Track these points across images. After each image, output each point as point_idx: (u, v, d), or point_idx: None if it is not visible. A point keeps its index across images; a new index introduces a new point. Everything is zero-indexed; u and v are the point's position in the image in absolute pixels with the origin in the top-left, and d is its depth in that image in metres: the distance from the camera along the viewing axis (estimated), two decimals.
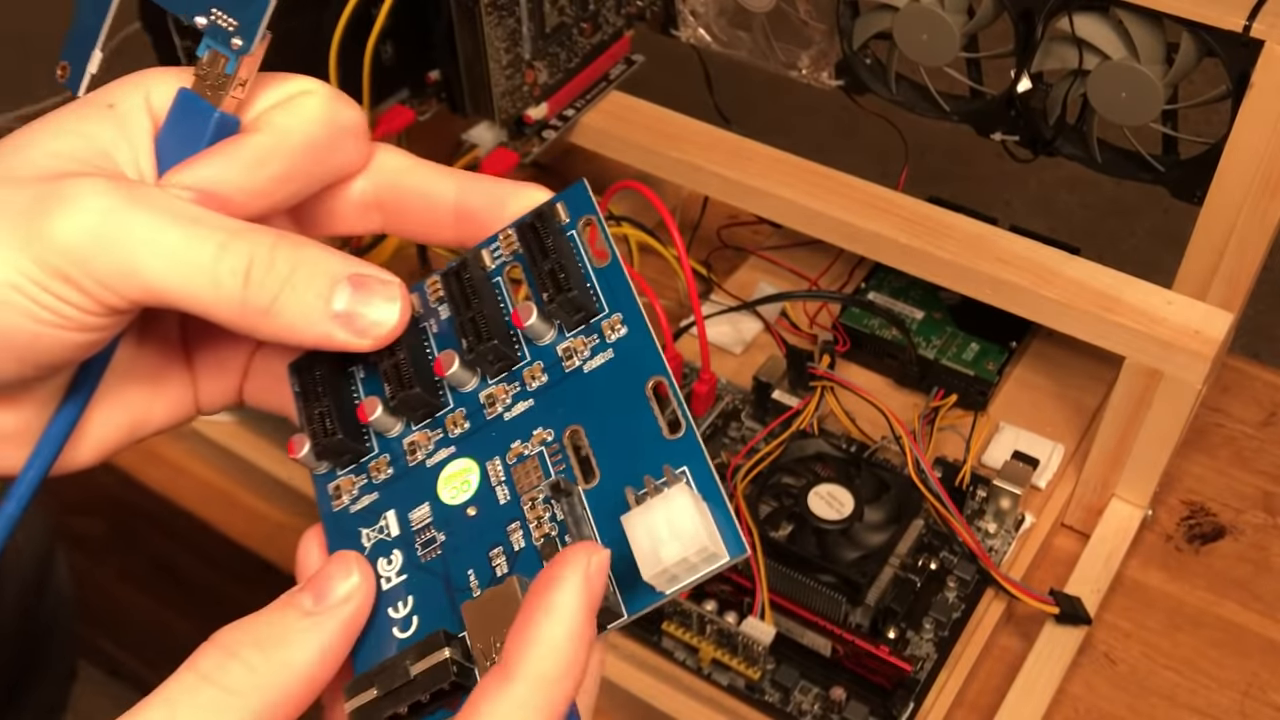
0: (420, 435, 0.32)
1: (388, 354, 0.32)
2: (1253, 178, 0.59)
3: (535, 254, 0.32)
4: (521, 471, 0.30)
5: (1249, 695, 0.62)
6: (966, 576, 0.62)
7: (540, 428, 0.31)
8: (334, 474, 0.33)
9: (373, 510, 0.31)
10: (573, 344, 0.31)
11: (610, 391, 0.30)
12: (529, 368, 0.31)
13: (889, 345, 0.72)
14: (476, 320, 0.32)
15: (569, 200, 0.33)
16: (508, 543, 0.29)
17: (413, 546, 0.30)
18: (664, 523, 0.27)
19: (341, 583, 0.29)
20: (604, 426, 0.30)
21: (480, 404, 0.32)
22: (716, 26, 0.75)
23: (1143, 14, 0.60)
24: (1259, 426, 0.74)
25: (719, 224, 0.85)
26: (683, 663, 0.60)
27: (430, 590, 0.30)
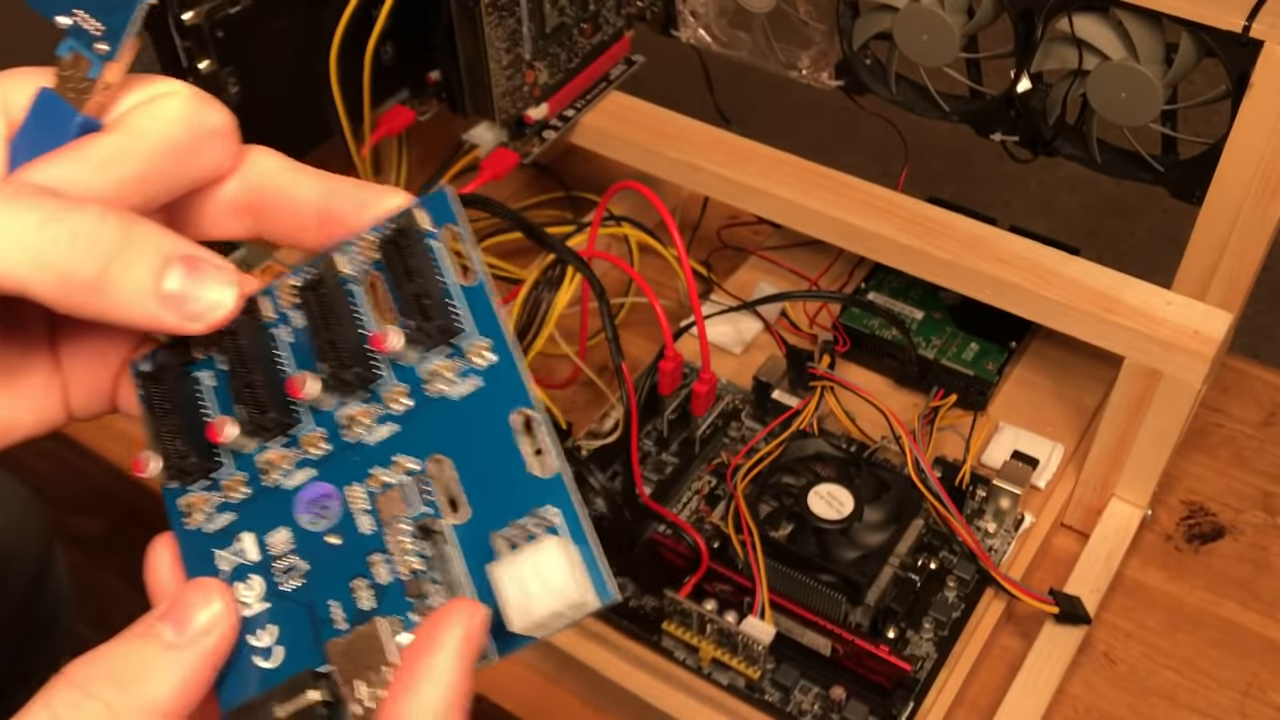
0: (277, 454, 0.30)
1: (240, 370, 0.30)
2: (1252, 178, 0.60)
3: (398, 272, 0.30)
4: (385, 501, 0.29)
5: (1249, 695, 0.62)
6: (966, 576, 0.62)
7: (403, 455, 0.29)
8: (185, 489, 0.31)
9: (229, 531, 0.30)
10: (437, 367, 0.29)
11: (477, 422, 0.29)
12: (390, 390, 0.30)
13: (889, 345, 0.72)
14: (336, 343, 0.30)
15: (431, 208, 0.31)
16: (371, 575, 0.29)
17: (272, 573, 0.29)
18: (533, 575, 0.26)
19: (202, 611, 0.28)
20: (471, 459, 0.29)
21: (339, 424, 0.30)
22: (717, 27, 0.75)
23: (1142, 14, 0.60)
24: (1258, 426, 0.74)
25: (719, 224, 0.85)
26: (683, 662, 0.60)
27: (294, 620, 0.29)
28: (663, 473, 0.68)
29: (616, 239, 0.77)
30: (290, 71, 0.65)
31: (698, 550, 0.59)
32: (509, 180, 0.83)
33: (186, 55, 0.60)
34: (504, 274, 0.76)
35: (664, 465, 0.68)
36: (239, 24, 0.61)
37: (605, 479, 0.60)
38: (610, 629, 0.61)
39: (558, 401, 0.68)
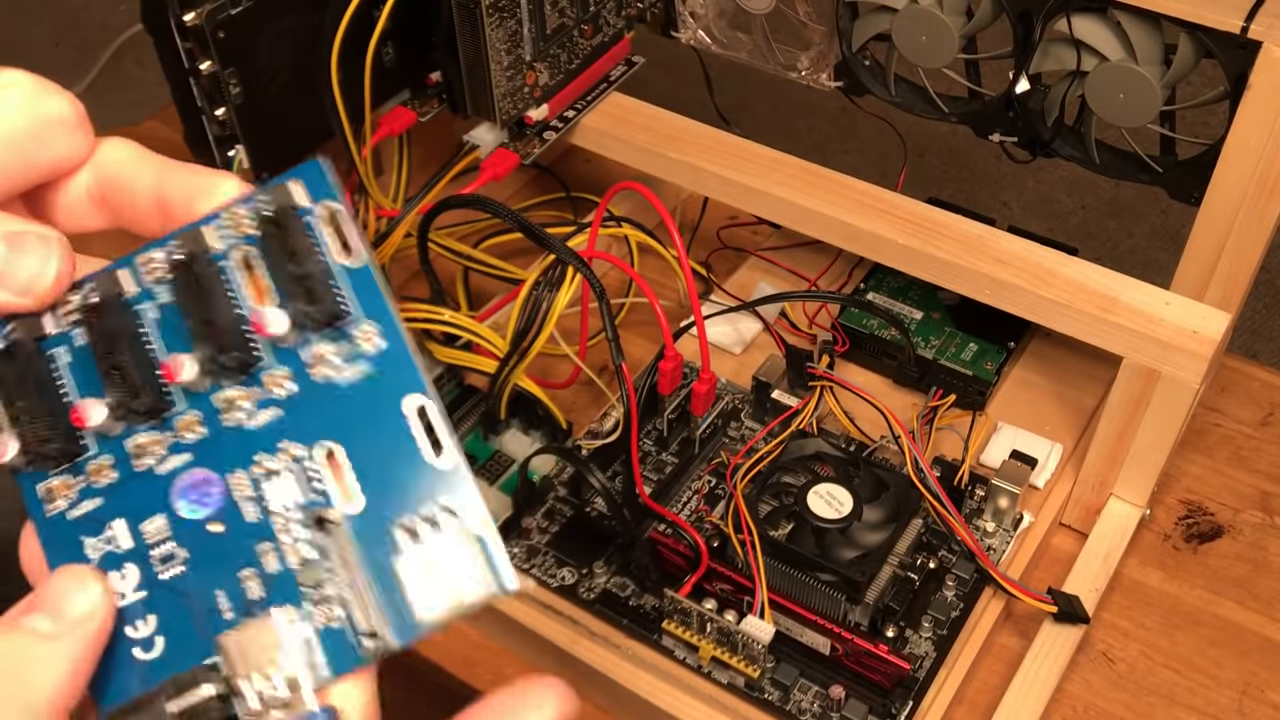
0: (148, 438, 0.29)
1: (105, 349, 0.29)
2: (1250, 178, 0.60)
3: (277, 251, 0.29)
4: (272, 488, 0.28)
5: (1247, 694, 0.62)
6: (965, 575, 0.62)
7: (289, 441, 0.28)
8: (45, 474, 0.29)
9: (95, 518, 0.28)
10: (321, 351, 0.28)
11: (369, 409, 0.28)
12: (272, 374, 0.29)
13: (888, 345, 0.72)
14: (214, 325, 0.29)
15: (307, 181, 0.29)
16: (260, 564, 0.28)
17: (149, 561, 0.28)
18: (436, 568, 0.26)
19: (79, 596, 0.27)
20: (364, 447, 0.28)
21: (216, 408, 0.29)
22: (716, 28, 0.75)
23: (1141, 15, 0.60)
24: (1257, 426, 0.74)
25: (719, 225, 0.85)
26: (683, 661, 0.60)
27: (173, 609, 0.28)
28: (663, 472, 0.68)
29: (616, 239, 0.77)
30: (291, 72, 0.65)
31: (697, 549, 0.60)
32: (509, 181, 0.84)
33: (188, 56, 0.61)
34: (504, 274, 0.77)
35: (664, 465, 0.68)
36: (240, 25, 0.61)
37: (605, 479, 0.61)
38: (610, 628, 0.61)
39: (558, 401, 0.68)
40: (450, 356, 0.67)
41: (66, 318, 0.30)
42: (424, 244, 0.68)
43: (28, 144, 0.30)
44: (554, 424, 0.68)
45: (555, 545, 0.65)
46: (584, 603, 0.62)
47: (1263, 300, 1.55)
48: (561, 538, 0.65)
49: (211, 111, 0.62)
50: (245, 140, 0.64)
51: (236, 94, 0.62)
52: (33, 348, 0.29)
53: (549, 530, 0.65)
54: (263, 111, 0.64)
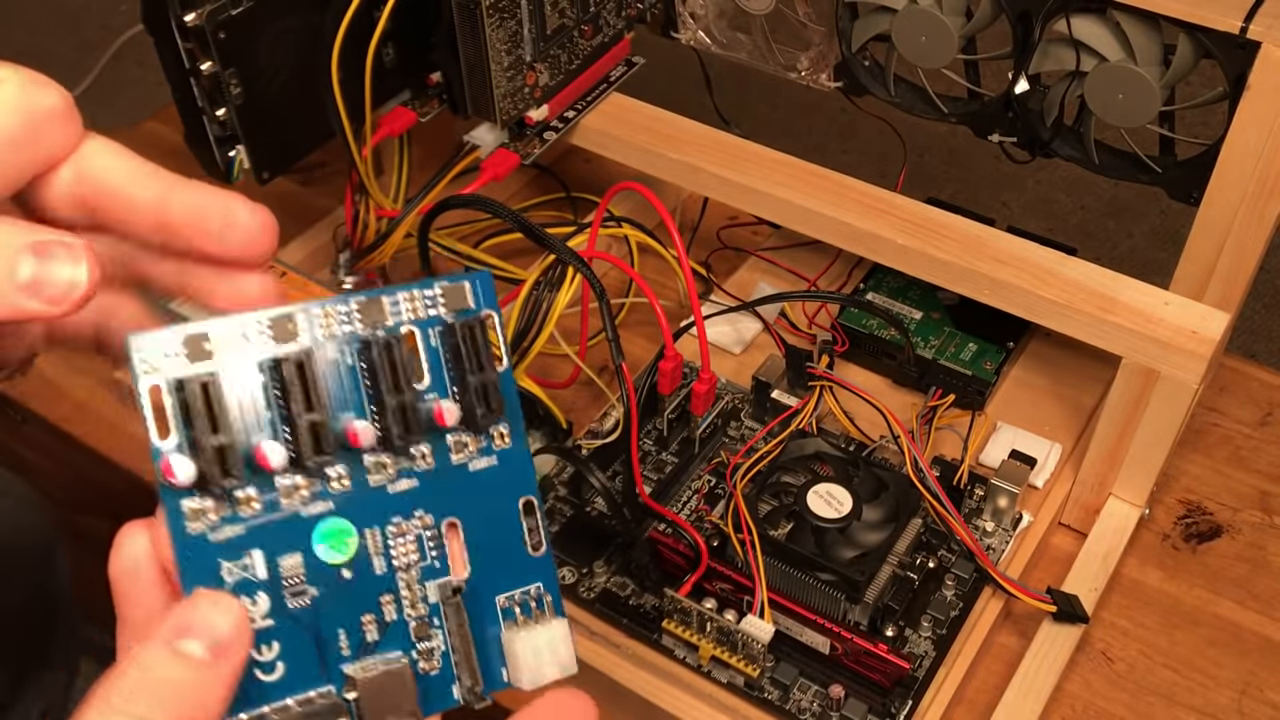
0: (301, 481, 0.31)
1: (303, 405, 0.31)
2: (1250, 179, 0.60)
3: (464, 358, 0.33)
4: (400, 549, 0.32)
5: (1246, 694, 0.62)
6: (964, 575, 0.62)
7: (422, 511, 0.32)
8: (192, 493, 0.31)
9: (236, 545, 0.30)
10: (464, 439, 0.33)
11: (490, 498, 0.33)
12: (419, 448, 0.32)
13: (887, 345, 0.73)
14: (405, 410, 0.32)
15: (479, 288, 0.33)
16: (379, 612, 0.32)
17: (281, 593, 0.31)
18: (546, 647, 0.32)
19: (226, 620, 0.28)
20: (479, 528, 0.33)
21: (365, 469, 0.32)
22: (716, 29, 0.76)
23: (1140, 16, 0.60)
24: (1256, 426, 0.74)
25: (718, 225, 0.85)
26: (683, 660, 0.60)
27: (297, 640, 0.31)
28: (662, 472, 0.68)
29: (616, 239, 0.77)
30: (292, 73, 0.65)
31: (697, 549, 0.60)
32: (509, 181, 0.84)
33: (188, 56, 0.61)
34: (505, 274, 0.77)
35: (664, 465, 0.68)
36: (241, 25, 0.61)
37: (605, 478, 0.61)
38: (610, 627, 0.61)
39: (558, 401, 0.68)
40: None
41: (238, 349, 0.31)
42: (424, 244, 0.68)
43: (23, 139, 0.30)
44: (554, 424, 0.68)
45: (555, 545, 0.65)
46: (584, 602, 0.62)
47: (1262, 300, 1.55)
48: (561, 537, 0.65)
49: (212, 112, 0.63)
50: (246, 140, 0.64)
51: (237, 94, 0.62)
52: (218, 383, 0.31)
53: (549, 530, 0.65)
54: (263, 112, 0.64)
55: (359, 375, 0.32)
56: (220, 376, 0.31)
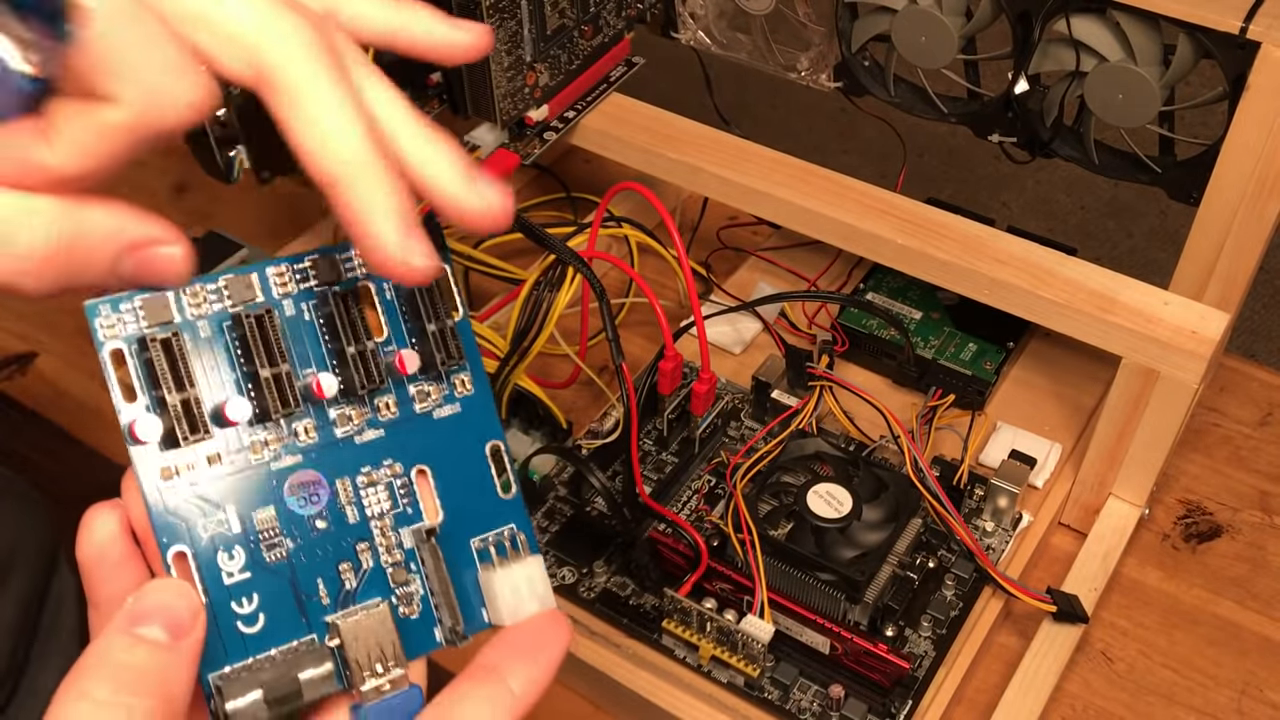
0: (268, 435, 0.32)
1: (253, 357, 0.32)
2: (1249, 179, 0.60)
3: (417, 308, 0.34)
4: (372, 497, 0.33)
5: (1246, 694, 0.62)
6: (964, 575, 0.62)
7: (391, 459, 0.33)
8: (164, 451, 0.31)
9: (210, 501, 0.31)
10: (427, 387, 0.34)
11: (457, 444, 0.33)
12: (383, 398, 0.33)
13: (887, 345, 0.73)
14: (365, 358, 0.33)
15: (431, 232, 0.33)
16: (356, 559, 0.32)
17: (258, 546, 0.31)
18: (524, 583, 0.33)
19: (182, 604, 0.29)
20: (448, 474, 0.33)
21: (331, 420, 0.33)
22: (716, 29, 0.76)
23: (1140, 16, 0.60)
24: (1255, 426, 0.74)
25: (718, 225, 0.85)
26: (683, 660, 0.60)
27: (276, 591, 0.31)
28: (662, 472, 0.68)
29: (617, 239, 0.77)
30: None
31: (697, 549, 0.60)
32: (510, 181, 0.84)
33: None
34: (505, 274, 0.77)
35: (664, 465, 0.68)
36: None
37: (605, 478, 0.61)
38: (610, 627, 0.62)
39: (558, 401, 0.68)
40: None
41: (195, 309, 0.32)
42: None
43: None
44: (554, 424, 0.68)
45: (555, 545, 0.65)
46: (584, 602, 0.62)
47: (1261, 300, 1.55)
48: (561, 537, 0.65)
49: None
50: (246, 140, 0.64)
51: (237, 94, 0.62)
52: (180, 341, 0.31)
53: (549, 530, 0.65)
54: (262, 113, 0.64)
55: (318, 330, 0.33)
56: (183, 335, 0.31)
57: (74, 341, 0.80)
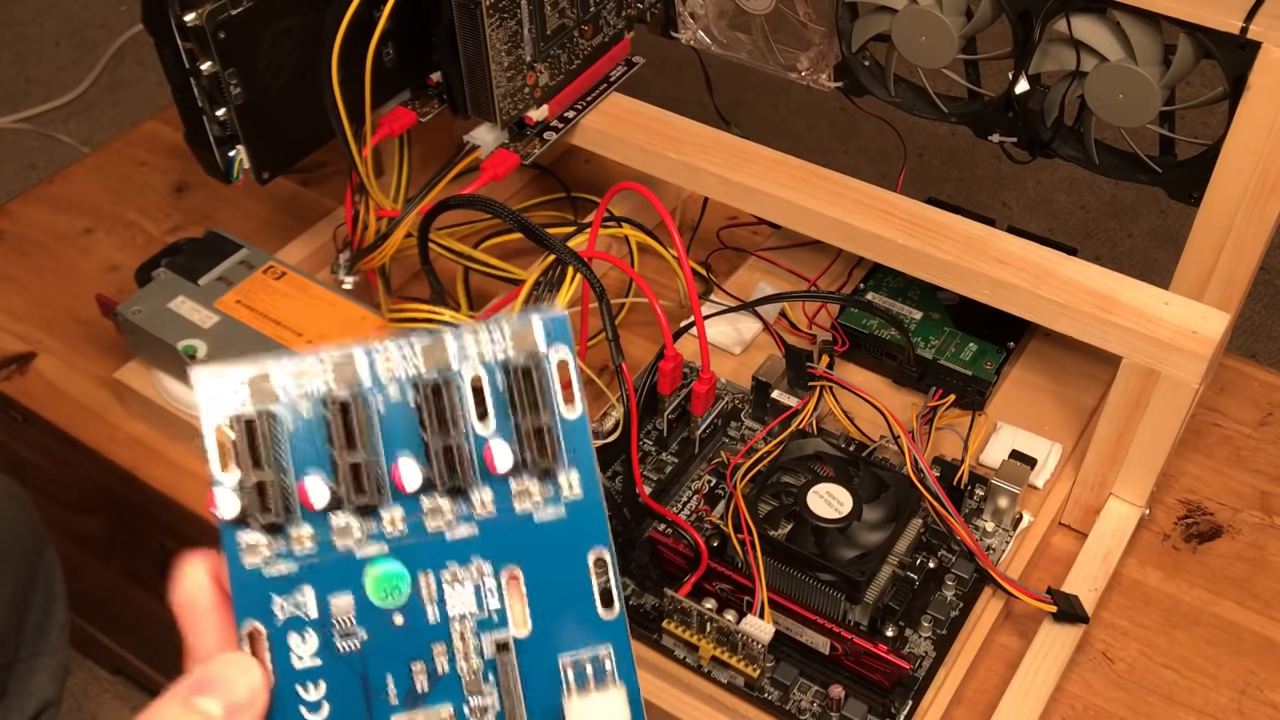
0: (355, 522, 0.31)
1: (345, 443, 0.31)
2: (1250, 179, 0.60)
3: (519, 401, 0.31)
4: (455, 597, 0.31)
5: (1246, 693, 0.62)
6: (965, 575, 0.62)
7: (479, 558, 0.31)
8: (247, 527, 0.31)
9: (289, 581, 0.31)
10: (529, 486, 0.31)
11: (556, 549, 0.31)
12: (478, 494, 0.31)
13: (887, 345, 0.73)
14: (452, 452, 0.31)
15: (550, 329, 0.32)
16: (431, 661, 0.31)
17: (331, 634, 0.30)
18: (603, 714, 0.31)
19: (243, 680, 0.29)
20: (544, 581, 0.31)
21: (422, 511, 0.31)
22: (716, 29, 0.76)
23: (1140, 16, 0.60)
24: (1256, 426, 0.74)
25: (718, 225, 0.85)
26: (683, 660, 0.60)
27: (345, 682, 0.30)
28: (662, 472, 0.68)
29: (616, 240, 0.77)
30: (292, 73, 0.65)
31: (697, 549, 0.60)
32: (509, 181, 0.84)
33: (189, 56, 0.61)
34: (505, 274, 0.77)
35: (664, 465, 0.68)
36: (241, 25, 0.61)
37: (605, 478, 0.61)
38: None
39: None
40: None
41: (298, 387, 0.31)
42: (424, 244, 0.68)
43: None
44: None
45: None
46: None
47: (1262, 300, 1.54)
48: None
49: (212, 112, 0.63)
50: (246, 140, 0.64)
51: (237, 94, 0.62)
52: (269, 419, 0.31)
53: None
54: (263, 112, 0.64)
55: (415, 416, 0.31)
56: (276, 415, 0.31)
57: (74, 342, 0.80)
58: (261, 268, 0.74)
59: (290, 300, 0.72)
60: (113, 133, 1.35)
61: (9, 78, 1.98)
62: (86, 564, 0.89)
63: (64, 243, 0.88)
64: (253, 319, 0.71)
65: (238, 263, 0.74)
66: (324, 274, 0.80)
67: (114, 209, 0.91)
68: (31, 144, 1.88)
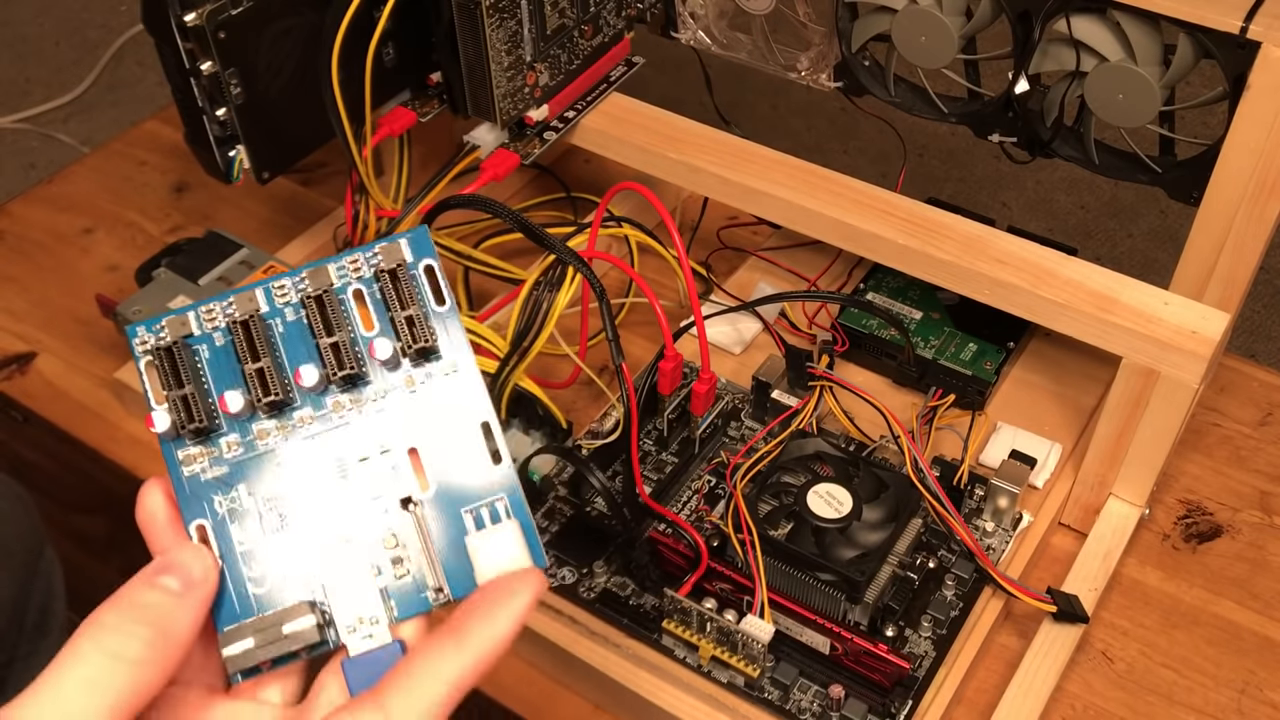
0: (271, 424, 0.37)
1: (248, 355, 0.36)
2: (1249, 178, 0.60)
3: (391, 300, 0.37)
4: (365, 474, 0.36)
5: (1245, 693, 0.62)
6: (964, 575, 0.62)
7: (384, 438, 0.37)
8: (184, 442, 0.37)
9: (225, 482, 0.36)
10: (413, 374, 0.37)
11: (446, 422, 0.36)
12: (374, 385, 0.37)
13: (887, 345, 0.73)
14: (339, 348, 0.37)
15: (413, 242, 0.38)
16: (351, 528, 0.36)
17: (264, 519, 0.36)
18: (503, 545, 0.35)
19: (197, 564, 0.35)
20: (438, 450, 0.36)
21: (327, 405, 0.37)
22: (716, 29, 0.76)
23: (1140, 16, 0.60)
24: (1255, 426, 0.74)
25: (718, 225, 0.85)
26: (683, 660, 0.60)
27: (279, 557, 0.36)
28: (662, 472, 0.68)
29: (616, 239, 0.77)
30: (292, 73, 0.65)
31: (697, 549, 0.60)
32: (510, 181, 0.84)
33: (189, 56, 0.61)
34: (505, 274, 0.77)
35: (664, 465, 0.68)
36: (241, 25, 0.61)
37: (605, 478, 0.61)
38: (611, 627, 0.61)
39: (558, 401, 0.68)
40: None
41: (209, 322, 0.37)
42: None
43: None
44: (554, 424, 0.68)
45: (555, 545, 0.65)
46: (584, 602, 0.62)
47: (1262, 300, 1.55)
48: (561, 537, 0.65)
49: (212, 112, 0.63)
50: (246, 140, 0.64)
51: (237, 94, 0.62)
52: (183, 343, 0.37)
53: (549, 530, 0.65)
54: (263, 112, 0.64)
55: (305, 329, 0.37)
56: (191, 345, 0.37)
57: (74, 342, 0.80)
58: (261, 268, 0.74)
59: None
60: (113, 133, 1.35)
61: (9, 78, 1.98)
62: (86, 564, 0.89)
63: (64, 243, 0.88)
64: None
65: (238, 263, 0.74)
66: None
67: (114, 209, 0.91)
68: (31, 144, 1.88)
